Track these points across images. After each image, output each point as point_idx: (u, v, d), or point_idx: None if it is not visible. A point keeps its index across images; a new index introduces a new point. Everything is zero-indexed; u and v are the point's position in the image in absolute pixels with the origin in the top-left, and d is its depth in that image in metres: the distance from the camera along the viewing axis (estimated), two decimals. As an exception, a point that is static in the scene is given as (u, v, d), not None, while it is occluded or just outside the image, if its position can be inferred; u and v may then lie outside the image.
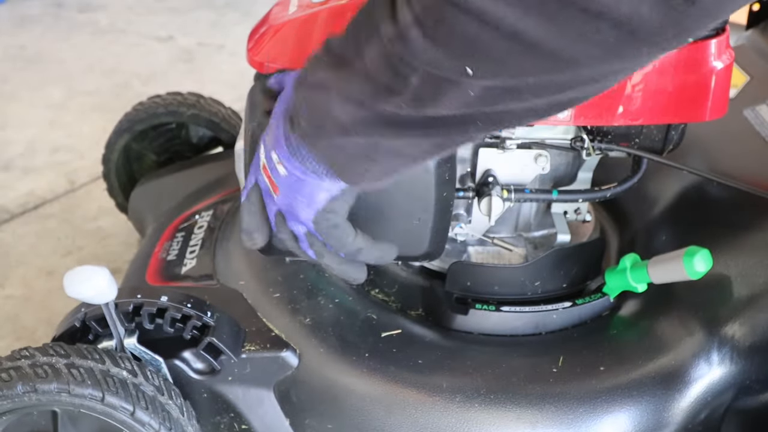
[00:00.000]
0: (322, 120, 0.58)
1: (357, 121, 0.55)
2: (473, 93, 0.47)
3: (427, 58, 0.47)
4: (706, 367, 0.83)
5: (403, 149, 0.57)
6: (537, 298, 0.92)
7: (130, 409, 0.74)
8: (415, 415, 0.82)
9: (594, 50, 0.42)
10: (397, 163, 0.60)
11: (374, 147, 0.57)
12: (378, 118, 0.54)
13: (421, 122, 0.52)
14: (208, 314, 0.84)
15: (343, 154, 0.60)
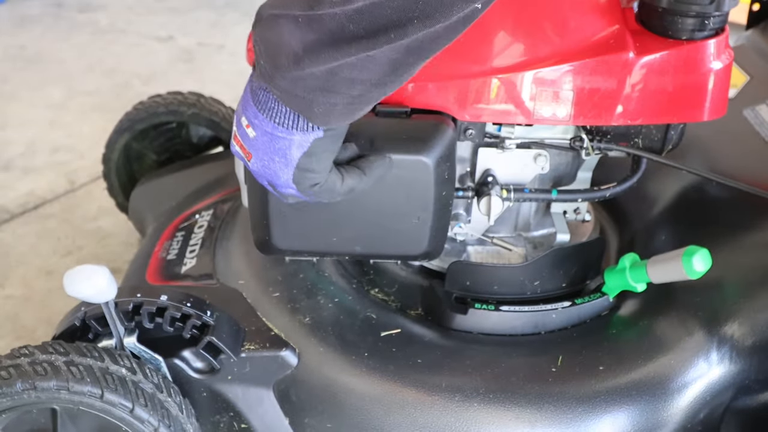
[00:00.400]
0: (277, 54, 0.59)
1: (306, 45, 0.57)
2: None
3: None
4: (705, 366, 0.83)
5: (358, 73, 0.58)
6: (536, 297, 0.92)
7: (129, 406, 0.74)
8: (414, 415, 0.82)
9: None
10: (357, 91, 0.60)
11: (330, 75, 0.58)
12: (323, 37, 0.56)
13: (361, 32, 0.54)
14: (208, 313, 0.84)
15: (304, 88, 0.60)
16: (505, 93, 0.78)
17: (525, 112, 0.79)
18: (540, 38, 0.79)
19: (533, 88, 0.78)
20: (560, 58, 0.78)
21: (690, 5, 0.76)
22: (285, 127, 0.64)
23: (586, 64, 0.77)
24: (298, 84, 0.60)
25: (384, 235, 0.80)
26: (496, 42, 0.79)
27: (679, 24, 0.78)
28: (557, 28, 0.79)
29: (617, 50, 0.77)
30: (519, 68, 0.78)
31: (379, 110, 0.78)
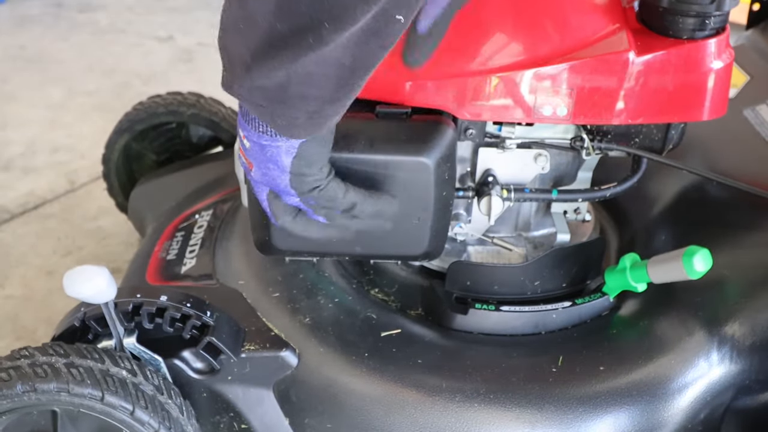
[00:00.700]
0: (232, 62, 0.61)
1: (251, 51, 0.58)
2: None
3: None
4: (705, 366, 0.83)
5: (307, 89, 0.59)
6: (537, 297, 0.92)
7: (130, 408, 0.74)
8: (414, 415, 0.82)
9: None
10: (312, 107, 0.61)
11: (282, 89, 0.59)
12: (261, 40, 0.57)
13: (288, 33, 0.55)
14: (208, 314, 0.84)
15: (261, 98, 0.61)
16: (506, 91, 0.78)
17: (525, 110, 0.79)
18: (540, 37, 0.79)
19: (534, 86, 0.78)
20: (561, 56, 0.78)
21: (691, 5, 0.76)
22: (269, 135, 0.65)
23: (586, 63, 0.77)
24: (255, 93, 0.61)
25: (384, 235, 0.80)
26: (497, 40, 0.79)
27: (679, 23, 0.78)
28: (558, 27, 0.79)
29: (618, 49, 0.77)
30: (519, 66, 0.77)
31: (378, 111, 0.78)
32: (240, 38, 0.58)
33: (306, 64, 0.57)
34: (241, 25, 0.58)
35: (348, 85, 0.60)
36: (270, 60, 0.57)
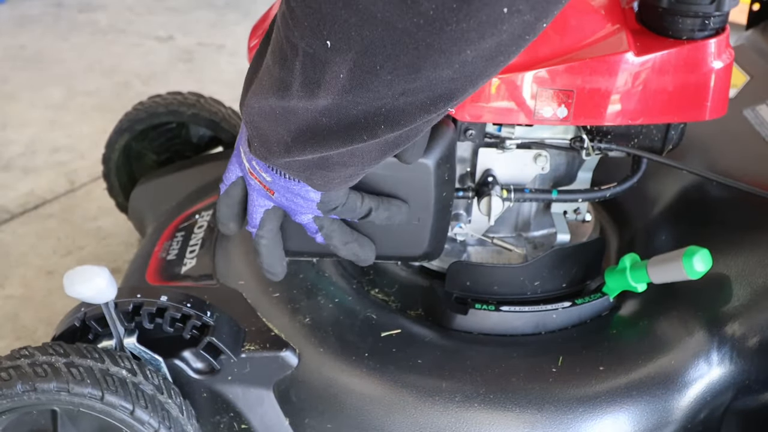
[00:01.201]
0: (268, 141, 0.60)
1: (292, 134, 0.57)
2: (342, 75, 0.49)
3: (298, 32, 0.49)
4: (705, 366, 0.83)
5: (349, 159, 0.59)
6: (537, 297, 0.92)
7: (130, 407, 0.74)
8: (414, 415, 0.82)
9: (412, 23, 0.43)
10: (351, 171, 0.62)
11: (323, 161, 0.60)
12: (302, 127, 0.56)
13: (335, 131, 0.54)
14: (208, 314, 0.84)
15: (299, 168, 0.62)
16: (506, 92, 0.78)
17: (526, 111, 0.79)
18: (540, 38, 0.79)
19: (534, 87, 0.78)
20: (561, 57, 0.78)
21: (690, 5, 0.76)
22: (297, 180, 0.66)
23: (586, 64, 0.77)
24: (293, 165, 0.62)
25: (384, 235, 0.80)
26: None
27: (679, 23, 0.78)
28: (558, 28, 0.79)
29: (617, 50, 0.77)
30: (519, 68, 0.78)
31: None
32: (278, 120, 0.57)
33: (354, 150, 0.57)
34: (278, 113, 0.56)
35: (391, 153, 0.60)
36: (314, 144, 0.57)
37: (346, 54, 0.47)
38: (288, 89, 0.54)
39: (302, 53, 0.50)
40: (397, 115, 0.52)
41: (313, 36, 0.48)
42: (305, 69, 0.51)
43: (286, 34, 0.51)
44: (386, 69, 0.47)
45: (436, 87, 0.49)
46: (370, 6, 0.43)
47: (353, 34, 0.45)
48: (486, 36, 0.44)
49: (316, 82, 0.51)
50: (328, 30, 0.46)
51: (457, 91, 0.50)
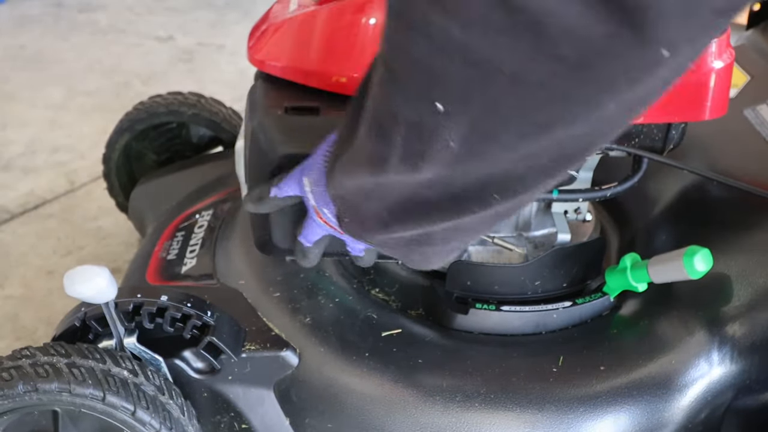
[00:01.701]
0: (362, 218, 0.57)
1: (390, 209, 0.53)
2: (453, 143, 0.43)
3: (400, 98, 0.43)
4: (706, 366, 0.83)
5: (452, 235, 0.54)
6: (537, 297, 0.92)
7: (131, 408, 0.74)
8: (415, 415, 0.82)
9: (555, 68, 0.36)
10: (453, 246, 0.57)
11: (425, 237, 0.55)
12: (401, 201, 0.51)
13: (439, 203, 0.49)
14: (208, 314, 0.84)
15: (398, 245, 0.58)
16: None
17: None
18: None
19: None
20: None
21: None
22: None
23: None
24: (389, 243, 0.57)
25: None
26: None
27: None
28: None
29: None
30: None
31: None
32: (371, 196, 0.53)
33: (459, 224, 0.51)
34: (373, 188, 0.52)
35: (498, 223, 0.56)
36: (416, 219, 0.52)
37: (461, 117, 0.41)
38: (384, 164, 0.48)
39: (404, 122, 0.44)
40: (514, 183, 0.45)
41: (420, 99, 0.42)
42: (407, 140, 0.45)
43: (384, 102, 0.45)
44: (510, 132, 0.41)
45: (564, 147, 0.42)
46: (496, 58, 0.37)
47: (472, 93, 0.39)
48: (636, 83, 0.37)
49: (419, 153, 0.45)
50: (441, 91, 0.40)
51: (585, 150, 0.43)
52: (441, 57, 0.39)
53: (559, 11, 0.33)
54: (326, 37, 0.81)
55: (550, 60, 0.36)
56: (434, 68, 0.39)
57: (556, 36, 0.34)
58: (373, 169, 0.49)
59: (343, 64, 0.81)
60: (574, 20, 0.33)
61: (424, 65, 0.40)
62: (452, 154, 0.43)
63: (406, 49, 0.40)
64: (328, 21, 0.80)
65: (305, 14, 0.82)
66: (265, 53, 0.85)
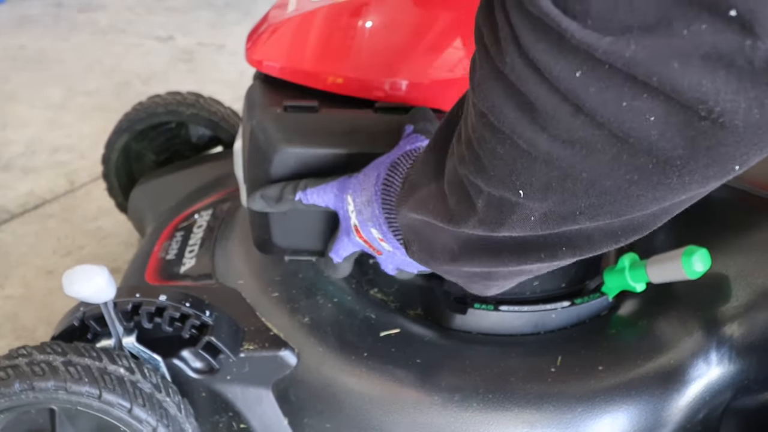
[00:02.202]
0: (432, 248, 0.58)
1: (461, 244, 0.54)
2: (533, 217, 0.45)
3: (482, 180, 0.46)
4: (704, 366, 0.83)
5: (515, 275, 0.56)
6: (536, 297, 0.92)
7: (128, 406, 0.74)
8: (413, 415, 0.82)
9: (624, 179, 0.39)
10: (513, 281, 0.59)
11: (488, 274, 0.57)
12: (474, 240, 0.53)
13: (510, 247, 0.51)
14: (207, 313, 0.84)
15: (461, 275, 0.60)
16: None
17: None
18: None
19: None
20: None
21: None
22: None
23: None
24: (455, 273, 0.59)
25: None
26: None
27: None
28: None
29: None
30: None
31: (378, 107, 0.78)
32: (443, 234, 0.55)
33: (525, 268, 0.53)
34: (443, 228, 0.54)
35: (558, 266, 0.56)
36: (484, 257, 0.53)
37: (542, 203, 0.44)
38: (464, 220, 0.50)
39: (486, 194, 0.47)
40: (583, 242, 0.48)
41: (503, 186, 0.44)
42: (489, 208, 0.47)
43: (467, 176, 0.47)
44: (585, 216, 0.43)
45: (635, 221, 0.45)
46: (576, 164, 0.39)
47: (553, 185, 0.42)
48: (708, 185, 0.39)
49: (499, 221, 0.47)
50: (522, 182, 0.43)
51: (654, 224, 0.46)
52: (526, 158, 0.41)
53: (640, 132, 0.36)
54: (324, 38, 0.81)
55: (627, 169, 0.38)
56: (518, 165, 0.42)
57: (637, 151, 0.37)
58: (451, 222, 0.52)
59: (340, 65, 0.81)
60: (654, 140, 0.36)
61: (508, 161, 0.42)
62: (530, 225, 0.46)
63: (492, 145, 0.43)
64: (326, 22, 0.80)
65: (303, 15, 0.82)
66: (263, 54, 0.85)
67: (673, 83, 0.33)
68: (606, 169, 0.39)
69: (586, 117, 0.36)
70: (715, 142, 0.35)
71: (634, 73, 0.33)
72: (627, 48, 0.33)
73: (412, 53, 0.80)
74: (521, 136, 0.40)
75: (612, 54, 0.33)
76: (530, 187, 0.43)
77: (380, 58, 0.80)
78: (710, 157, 0.36)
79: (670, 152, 0.36)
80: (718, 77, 0.32)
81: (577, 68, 0.35)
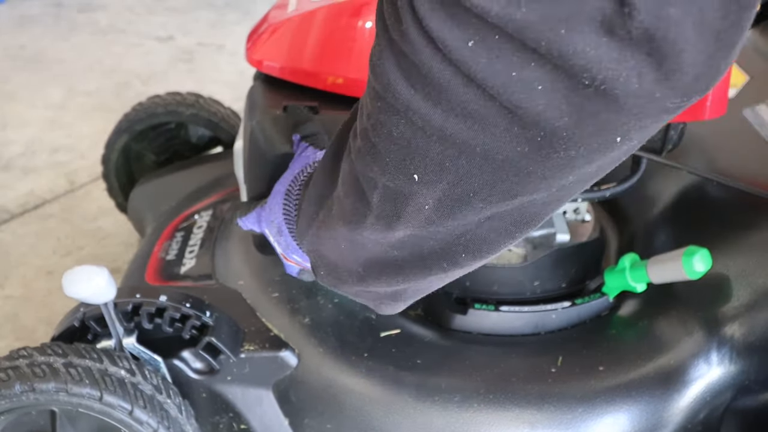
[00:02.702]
0: (337, 271, 0.58)
1: (364, 265, 0.55)
2: (428, 206, 0.46)
3: (378, 168, 0.46)
4: (705, 366, 0.83)
5: (427, 288, 0.57)
6: (536, 298, 0.92)
7: (128, 408, 0.74)
8: (413, 415, 0.82)
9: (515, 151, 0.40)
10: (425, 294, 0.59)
11: (398, 293, 0.57)
12: (375, 259, 0.54)
13: (411, 261, 0.52)
14: (207, 314, 0.84)
15: (371, 297, 0.60)
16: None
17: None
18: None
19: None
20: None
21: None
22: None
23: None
24: (364, 295, 0.59)
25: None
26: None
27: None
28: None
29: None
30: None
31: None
32: (346, 251, 0.55)
33: (432, 280, 0.54)
34: (345, 245, 0.54)
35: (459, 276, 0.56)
36: (390, 276, 0.54)
37: (436, 186, 0.44)
38: (361, 221, 0.50)
39: (382, 187, 0.47)
40: (480, 244, 0.48)
41: (398, 171, 0.45)
42: (384, 202, 0.48)
43: (362, 169, 0.48)
44: (479, 197, 0.44)
45: (526, 210, 0.46)
46: (470, 139, 0.40)
47: (447, 165, 0.42)
48: (593, 161, 0.41)
49: (395, 214, 0.48)
50: (417, 164, 0.43)
51: (545, 213, 0.47)
52: (420, 137, 0.42)
53: (528, 102, 0.37)
54: (323, 38, 0.81)
55: (519, 141, 0.39)
56: (413, 146, 0.43)
57: (526, 122, 0.38)
58: (351, 224, 0.52)
59: (339, 65, 0.81)
60: (541, 110, 0.37)
61: (403, 143, 0.43)
62: (426, 216, 0.47)
63: (388, 128, 0.44)
64: (326, 22, 0.80)
65: (303, 15, 0.82)
66: (263, 54, 0.85)
67: (560, 49, 0.34)
68: (499, 142, 0.39)
69: (477, 89, 0.37)
70: (597, 110, 0.36)
71: (523, 39, 0.34)
72: (518, 10, 0.34)
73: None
74: (416, 112, 0.41)
75: (503, 17, 0.34)
76: (425, 169, 0.44)
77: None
78: (594, 126, 0.37)
79: (557, 121, 0.37)
80: (600, 45, 0.33)
81: (469, 38, 0.36)
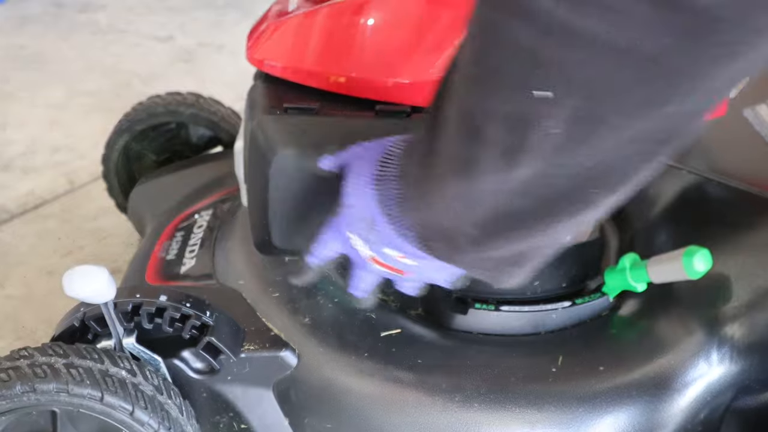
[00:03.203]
0: (450, 237, 0.53)
1: (479, 226, 0.50)
2: (558, 129, 0.40)
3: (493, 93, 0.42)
4: (705, 366, 0.83)
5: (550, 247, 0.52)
6: (536, 297, 0.92)
7: (129, 408, 0.74)
8: (414, 415, 0.82)
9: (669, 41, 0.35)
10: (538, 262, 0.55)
11: (520, 256, 0.53)
12: (492, 214, 0.48)
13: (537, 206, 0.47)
14: (207, 314, 0.84)
15: (489, 266, 0.55)
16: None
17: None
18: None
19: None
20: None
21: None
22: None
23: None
24: (483, 263, 0.55)
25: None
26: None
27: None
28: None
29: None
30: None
31: (378, 109, 0.78)
32: (457, 213, 0.50)
33: (556, 234, 0.49)
34: (458, 203, 0.49)
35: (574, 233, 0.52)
36: (509, 232, 0.49)
37: (566, 101, 0.39)
38: (476, 166, 0.45)
39: (501, 117, 0.42)
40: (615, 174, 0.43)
41: (518, 89, 0.40)
42: (504, 134, 0.42)
43: (477, 102, 0.43)
44: (619, 111, 0.39)
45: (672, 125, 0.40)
46: (606, 35, 0.35)
47: (578, 75, 0.37)
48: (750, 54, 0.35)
49: (519, 146, 0.42)
50: (543, 77, 0.38)
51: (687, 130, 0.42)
52: (545, 41, 0.37)
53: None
54: (325, 37, 0.81)
55: (664, 33, 0.34)
56: (537, 54, 0.38)
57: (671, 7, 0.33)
58: (463, 175, 0.47)
59: (341, 64, 0.81)
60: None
61: (524, 52, 0.38)
62: (555, 142, 0.41)
63: (505, 38, 0.39)
64: (327, 21, 0.80)
65: (304, 14, 0.82)
66: (264, 53, 0.85)
67: None
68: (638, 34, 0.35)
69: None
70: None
71: None
72: None
73: (414, 52, 0.80)
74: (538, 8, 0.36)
75: None
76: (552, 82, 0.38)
77: (382, 57, 0.79)
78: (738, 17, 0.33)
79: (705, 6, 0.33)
80: None
81: None
